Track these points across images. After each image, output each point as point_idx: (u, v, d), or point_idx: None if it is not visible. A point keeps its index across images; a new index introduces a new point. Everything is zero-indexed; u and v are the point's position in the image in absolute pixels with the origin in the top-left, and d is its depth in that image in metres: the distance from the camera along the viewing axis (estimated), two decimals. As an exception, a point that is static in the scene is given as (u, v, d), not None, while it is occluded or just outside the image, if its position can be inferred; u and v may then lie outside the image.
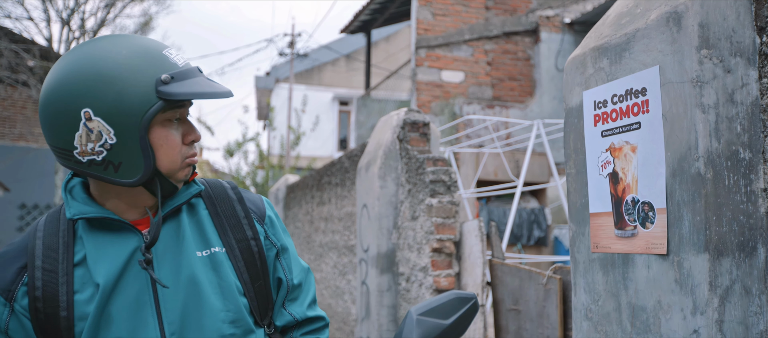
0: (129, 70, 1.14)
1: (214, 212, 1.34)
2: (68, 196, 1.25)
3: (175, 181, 1.25)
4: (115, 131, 1.14)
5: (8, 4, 13.79)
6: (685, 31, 1.44)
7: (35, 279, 1.17)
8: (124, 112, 1.13)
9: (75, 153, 1.16)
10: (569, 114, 1.86)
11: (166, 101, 1.16)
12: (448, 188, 3.72)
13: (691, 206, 1.41)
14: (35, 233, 1.23)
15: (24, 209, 16.32)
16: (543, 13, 9.85)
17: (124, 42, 1.19)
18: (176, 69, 1.19)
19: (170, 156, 1.21)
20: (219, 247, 1.30)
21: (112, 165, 1.16)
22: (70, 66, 1.15)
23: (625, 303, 1.62)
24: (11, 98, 17.18)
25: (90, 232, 1.22)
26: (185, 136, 1.24)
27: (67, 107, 1.13)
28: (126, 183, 1.18)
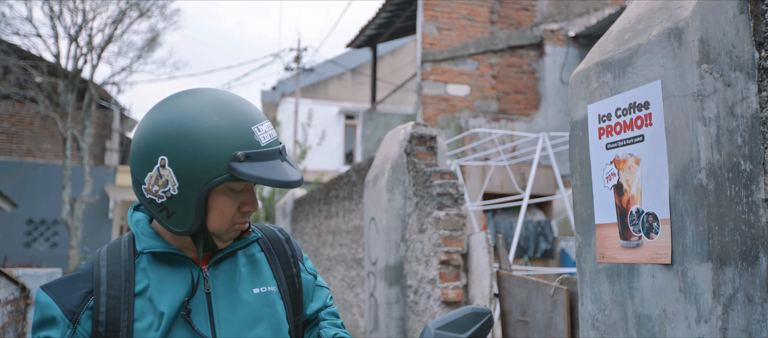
0: (212, 137, 1.21)
1: (269, 252, 1.47)
2: (136, 230, 1.33)
3: (219, 241, 1.32)
4: (179, 185, 1.22)
5: (16, 21, 13.96)
6: (686, 47, 1.48)
7: (100, 304, 1.24)
8: (193, 173, 1.21)
9: (142, 188, 1.26)
10: (574, 127, 1.90)
11: (232, 177, 1.21)
12: (456, 201, 3.76)
13: (694, 216, 1.44)
14: (99, 262, 1.30)
15: (31, 225, 16.40)
16: (547, 26, 9.92)
17: (220, 106, 1.25)
18: (256, 149, 1.23)
19: (221, 220, 1.28)
20: (273, 286, 1.41)
21: (166, 211, 1.25)
22: (166, 113, 1.24)
23: (631, 312, 1.65)
24: (19, 114, 17.33)
25: (154, 264, 1.30)
26: (242, 205, 1.30)
27: (150, 148, 1.23)
28: (173, 231, 1.27)
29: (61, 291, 1.24)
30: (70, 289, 1.25)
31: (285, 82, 24.44)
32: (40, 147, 17.50)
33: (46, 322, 1.22)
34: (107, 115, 18.61)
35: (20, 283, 3.52)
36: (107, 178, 17.66)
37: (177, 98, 1.28)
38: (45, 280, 3.67)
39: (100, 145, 18.43)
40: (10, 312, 3.32)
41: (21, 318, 3.51)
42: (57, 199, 15.32)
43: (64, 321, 1.22)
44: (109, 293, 1.25)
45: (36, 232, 16.52)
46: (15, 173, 16.19)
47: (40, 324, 1.23)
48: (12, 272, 3.50)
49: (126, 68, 14.84)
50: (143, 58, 15.20)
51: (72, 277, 1.28)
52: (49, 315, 1.22)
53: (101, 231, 16.89)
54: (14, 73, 13.97)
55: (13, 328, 3.38)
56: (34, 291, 3.60)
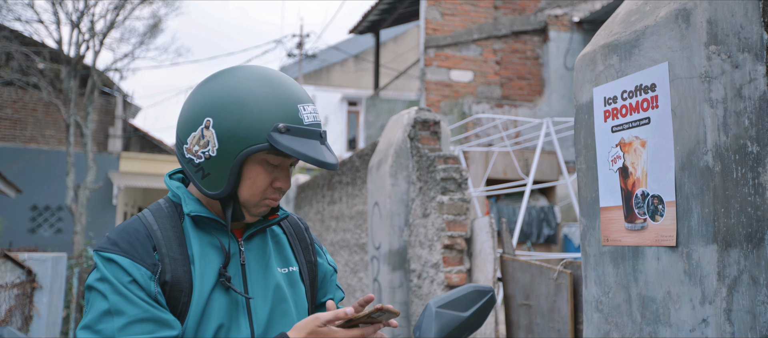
0: (258, 106, 1.26)
1: (292, 235, 1.53)
2: (179, 193, 1.37)
3: (247, 213, 1.35)
4: (219, 147, 1.26)
5: (18, 7, 13.93)
6: (693, 28, 1.47)
7: (165, 264, 1.28)
8: (233, 137, 1.25)
9: (183, 147, 1.32)
10: (579, 110, 1.90)
11: (271, 146, 1.25)
12: (459, 186, 3.76)
13: (700, 198, 1.44)
14: (150, 225, 1.32)
15: (35, 211, 16.45)
16: (551, 12, 9.87)
17: (269, 79, 1.31)
18: (298, 124, 1.27)
19: (252, 191, 1.32)
20: (295, 267, 1.48)
21: (202, 171, 1.30)
22: (220, 80, 1.31)
23: (636, 294, 1.65)
24: (22, 100, 17.33)
25: (195, 229, 1.35)
26: (275, 181, 1.33)
27: (198, 110, 1.29)
28: (205, 192, 1.31)
29: (131, 248, 1.26)
30: (137, 246, 1.27)
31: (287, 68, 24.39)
32: (44, 134, 17.52)
33: (134, 283, 1.23)
34: (110, 101, 18.61)
35: (26, 267, 3.54)
36: (111, 164, 17.69)
37: (231, 69, 1.33)
38: (51, 264, 3.69)
39: (103, 131, 18.44)
40: (16, 295, 3.34)
41: (27, 302, 3.53)
42: (61, 185, 15.35)
43: (147, 275, 1.25)
44: (170, 255, 1.29)
45: (40, 218, 16.58)
46: (19, 159, 16.22)
47: (122, 277, 1.23)
48: (18, 256, 3.52)
49: (128, 54, 14.83)
50: (145, 44, 15.19)
51: (131, 235, 1.29)
52: (131, 272, 1.24)
53: (105, 217, 16.94)
54: (17, 59, 13.96)
55: (20, 311, 3.41)
56: (39, 274, 3.62)
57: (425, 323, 1.30)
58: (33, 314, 3.58)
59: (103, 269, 1.25)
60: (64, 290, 4.35)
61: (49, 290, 3.71)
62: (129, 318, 1.21)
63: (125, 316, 1.21)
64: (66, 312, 7.69)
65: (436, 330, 1.34)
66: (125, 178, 17.39)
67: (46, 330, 3.74)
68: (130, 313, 1.21)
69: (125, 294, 1.22)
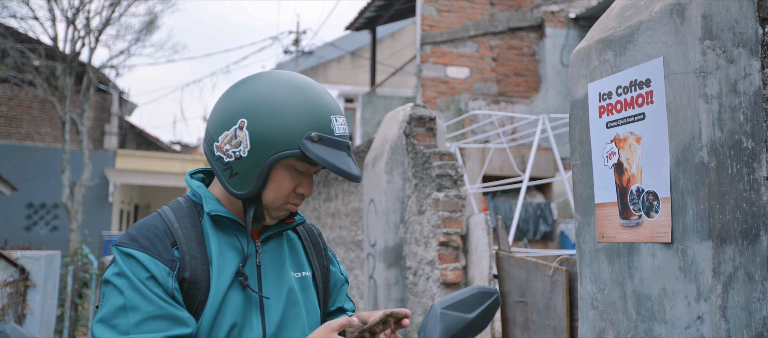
0: (294, 112, 1.28)
1: (307, 240, 1.55)
2: (200, 192, 1.39)
3: (268, 215, 1.38)
4: (251, 148, 1.29)
5: (13, 3, 13.85)
6: (688, 23, 1.46)
7: (185, 262, 1.29)
8: (266, 140, 1.28)
9: (214, 144, 1.33)
10: (574, 106, 1.89)
11: (301, 153, 1.28)
12: (455, 183, 3.75)
13: (695, 194, 1.43)
14: (171, 223, 1.33)
15: (31, 208, 16.41)
16: (548, 8, 9.86)
17: (306, 89, 1.33)
18: (330, 134, 1.31)
19: (276, 194, 1.34)
20: (308, 272, 1.50)
21: (231, 171, 1.32)
22: (258, 83, 1.33)
23: (631, 291, 1.64)
24: (17, 97, 17.27)
25: (214, 229, 1.36)
26: (299, 187, 1.36)
27: (233, 109, 1.31)
28: (231, 191, 1.33)
29: (151, 244, 1.27)
30: (157, 242, 1.28)
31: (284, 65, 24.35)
32: (39, 131, 17.46)
33: (152, 280, 1.24)
34: (106, 98, 18.55)
35: (19, 265, 3.52)
36: (107, 161, 17.64)
37: (268, 73, 1.36)
38: (44, 262, 3.67)
39: (99, 128, 18.39)
40: (9, 293, 3.32)
41: (20, 300, 3.51)
42: (57, 183, 15.30)
43: (165, 271, 1.26)
44: (190, 253, 1.30)
45: (36, 216, 16.53)
46: (14, 156, 16.17)
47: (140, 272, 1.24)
48: (11, 254, 3.50)
49: (124, 51, 14.77)
50: (141, 41, 15.13)
51: (151, 232, 1.30)
52: (149, 268, 1.24)
53: (101, 215, 16.91)
54: (12, 56, 13.89)
55: (13, 310, 3.39)
56: (33, 273, 3.60)
57: (430, 324, 1.30)
58: (26, 312, 3.56)
59: (121, 264, 1.25)
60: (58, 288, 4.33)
61: (43, 288, 3.69)
62: (144, 315, 1.21)
63: (140, 312, 1.21)
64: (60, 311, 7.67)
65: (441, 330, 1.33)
66: (121, 175, 17.35)
67: (40, 329, 3.72)
68: (145, 310, 1.21)
69: (142, 291, 1.22)
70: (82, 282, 8.48)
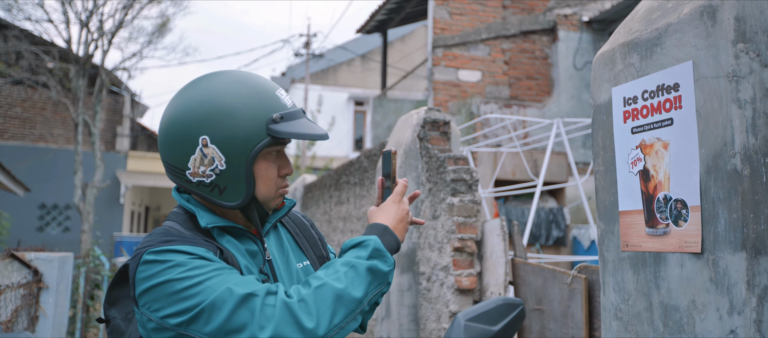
0: (246, 106, 1.28)
1: (296, 232, 1.55)
2: (191, 207, 1.35)
3: (268, 208, 1.39)
4: (226, 159, 1.27)
5: (29, 6, 13.95)
6: (720, 25, 1.41)
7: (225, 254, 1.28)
8: (237, 143, 1.27)
9: (187, 173, 1.30)
10: (597, 111, 1.84)
11: (272, 138, 1.29)
12: (470, 187, 3.70)
13: (727, 203, 1.38)
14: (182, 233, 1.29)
15: (43, 209, 16.49)
16: (561, 11, 9.79)
17: (243, 80, 1.33)
18: (285, 110, 1.32)
19: (267, 186, 1.35)
20: (307, 261, 1.50)
21: (217, 188, 1.30)
22: (194, 97, 1.29)
23: (657, 302, 1.59)
24: (31, 99, 17.38)
25: (220, 235, 1.35)
26: (281, 169, 1.37)
27: (188, 132, 1.27)
28: (227, 205, 1.32)
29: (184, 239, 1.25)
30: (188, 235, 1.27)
31: (294, 68, 24.37)
32: (52, 132, 17.56)
33: (199, 257, 1.21)
34: (118, 100, 18.63)
35: (33, 267, 3.50)
36: (118, 163, 17.71)
37: (196, 83, 1.32)
38: (57, 264, 3.66)
39: (111, 130, 18.47)
40: (23, 295, 3.31)
41: (34, 302, 3.50)
42: (69, 184, 15.36)
43: (211, 253, 1.24)
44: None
45: (48, 216, 16.62)
46: (27, 158, 16.27)
47: (195, 256, 1.20)
48: (24, 255, 3.49)
49: (136, 54, 14.83)
50: (153, 43, 15.19)
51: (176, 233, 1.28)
52: (198, 252, 1.21)
53: (112, 216, 16.97)
54: (26, 58, 13.98)
55: (26, 311, 3.37)
56: (46, 274, 3.59)
57: (454, 336, 1.25)
58: (39, 314, 3.55)
59: (163, 258, 1.19)
60: (70, 290, 4.32)
61: (56, 290, 3.68)
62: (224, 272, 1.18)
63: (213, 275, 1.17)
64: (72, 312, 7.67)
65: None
66: (132, 177, 17.40)
67: (52, 331, 3.71)
68: (218, 268, 1.19)
69: (199, 265, 1.18)
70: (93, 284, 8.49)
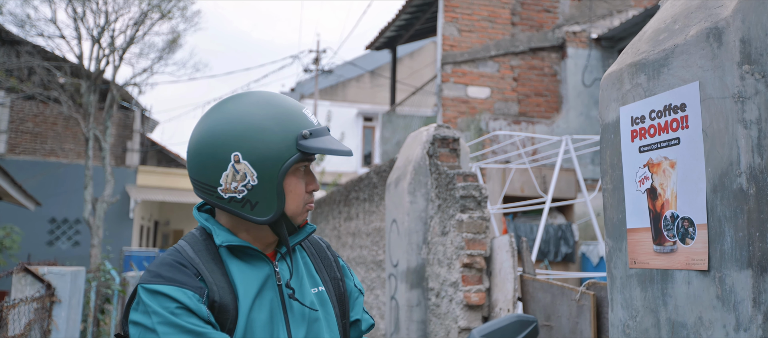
0: (277, 123, 1.32)
1: (312, 254, 1.55)
2: (209, 225, 1.39)
3: (295, 223, 1.41)
4: (258, 175, 1.31)
5: (41, 22, 14.13)
6: (726, 47, 1.44)
7: (212, 288, 1.29)
8: (268, 159, 1.31)
9: (218, 189, 1.33)
10: (605, 130, 1.87)
11: (302, 153, 1.33)
12: (479, 204, 3.73)
13: (734, 222, 1.41)
14: (190, 257, 1.32)
15: (54, 224, 16.59)
16: (569, 28, 9.84)
17: (271, 100, 1.37)
18: (313, 127, 1.36)
19: (296, 201, 1.38)
20: (322, 287, 1.50)
21: (249, 204, 1.33)
22: (224, 115, 1.34)
23: (665, 319, 1.61)
24: (43, 114, 17.55)
25: (230, 257, 1.37)
26: (308, 185, 1.41)
27: (220, 149, 1.31)
28: (258, 221, 1.34)
29: (175, 278, 1.27)
30: (181, 274, 1.28)
31: (304, 83, 24.51)
32: (63, 147, 17.71)
33: (183, 309, 1.23)
34: (128, 116, 18.78)
35: (46, 281, 3.55)
36: (128, 178, 17.82)
37: (224, 103, 1.37)
38: (70, 279, 3.70)
39: (122, 145, 18.60)
40: (35, 309, 3.34)
41: (46, 316, 3.54)
42: (79, 198, 15.47)
43: (195, 298, 1.25)
44: (214, 280, 1.30)
45: (58, 231, 16.71)
46: (38, 172, 16.40)
47: (168, 305, 1.23)
48: (38, 270, 3.53)
49: (147, 69, 14.98)
50: (164, 59, 15.33)
51: (172, 266, 1.30)
52: (178, 298, 1.23)
53: (122, 230, 17.05)
54: (38, 74, 14.15)
55: (39, 325, 3.41)
56: (58, 288, 3.63)
57: None
58: (51, 328, 3.58)
59: (148, 301, 1.24)
60: (82, 304, 4.36)
61: (68, 304, 3.71)
62: None
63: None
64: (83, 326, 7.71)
65: None
66: (142, 191, 17.50)
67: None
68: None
69: (175, 322, 1.21)
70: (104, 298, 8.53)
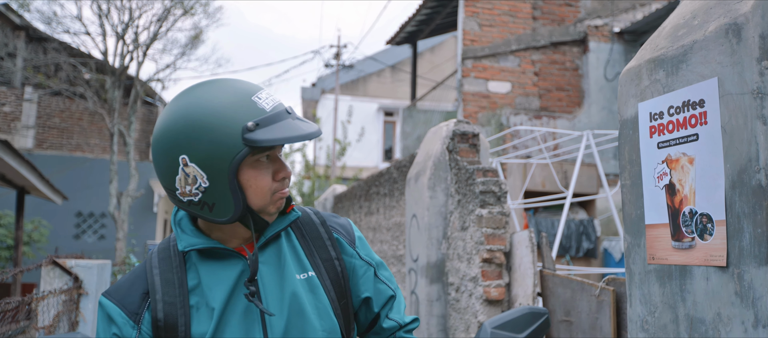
0: (220, 118, 1.23)
1: (302, 236, 1.46)
2: (178, 229, 1.37)
3: (266, 216, 1.34)
4: (207, 176, 1.24)
5: (67, 19, 14.37)
6: (745, 43, 1.44)
7: (157, 310, 1.30)
8: (214, 158, 1.23)
9: (176, 194, 1.29)
10: (624, 126, 1.87)
11: (251, 148, 1.24)
12: (498, 199, 3.74)
13: (752, 218, 1.41)
14: (152, 269, 1.35)
15: (80, 217, 16.87)
16: (591, 22, 9.76)
17: (218, 89, 1.28)
18: (263, 114, 1.25)
19: (259, 195, 1.30)
20: (312, 272, 1.41)
21: (207, 205, 1.28)
22: (173, 114, 1.27)
23: (683, 314, 1.62)
24: (69, 110, 17.83)
25: (201, 260, 1.35)
26: (275, 173, 1.32)
27: (169, 154, 1.26)
28: (220, 221, 1.29)
29: (122, 295, 1.32)
30: (129, 292, 1.32)
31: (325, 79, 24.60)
32: (89, 142, 17.97)
33: (111, 324, 1.30)
34: (152, 111, 19.01)
35: (73, 273, 3.63)
36: (152, 172, 18.04)
37: (175, 100, 1.31)
38: (96, 271, 3.78)
39: (146, 140, 18.84)
40: (64, 301, 3.43)
41: (74, 308, 3.62)
42: (104, 193, 15.72)
43: (128, 323, 1.29)
44: (165, 299, 1.30)
45: (84, 224, 16.99)
46: (65, 167, 16.68)
47: (107, 328, 1.30)
48: (65, 262, 3.62)
49: (170, 65, 15.14)
50: (187, 55, 15.48)
51: (129, 281, 1.35)
52: (115, 319, 1.29)
53: (146, 224, 17.28)
54: (64, 70, 14.39)
55: (67, 317, 3.50)
56: (86, 281, 3.71)
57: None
58: (79, 319, 3.67)
59: (98, 316, 1.33)
60: (108, 296, 4.46)
61: (95, 296, 3.80)
62: None
63: None
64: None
65: None
66: (166, 186, 17.65)
67: (92, 335, 3.83)
68: None
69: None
70: (128, 291, 8.66)
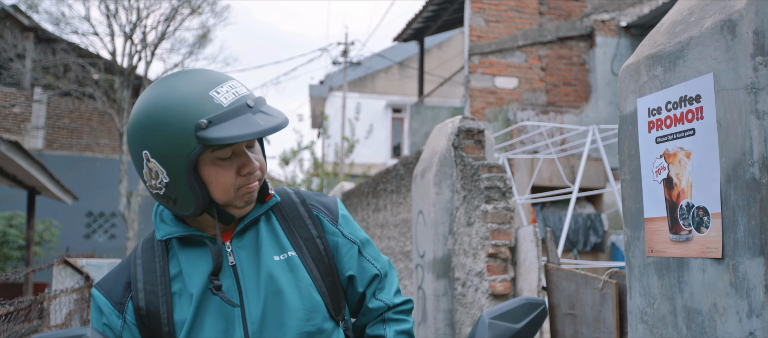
0: (174, 115, 1.22)
1: (282, 217, 1.45)
2: (158, 220, 1.40)
3: (233, 209, 1.34)
4: (167, 171, 1.25)
5: (75, 20, 14.47)
6: (739, 39, 1.47)
7: (138, 299, 1.34)
8: (171, 156, 1.23)
9: (147, 186, 1.32)
10: (623, 121, 1.90)
11: (204, 146, 1.22)
12: (503, 195, 3.77)
13: (746, 210, 1.43)
14: (135, 260, 1.40)
15: (90, 217, 17.01)
16: (598, 17, 9.74)
17: (179, 83, 1.26)
18: (218, 111, 1.22)
19: (222, 190, 1.29)
20: (292, 252, 1.40)
21: (171, 199, 1.30)
22: (137, 108, 1.28)
23: (681, 306, 1.65)
24: (78, 110, 17.96)
25: (182, 248, 1.38)
26: (241, 168, 1.30)
27: (134, 149, 1.29)
28: (185, 215, 1.32)
29: (108, 286, 1.38)
30: (114, 283, 1.38)
31: (332, 76, 24.65)
32: (99, 142, 18.10)
33: (101, 314, 1.37)
34: (161, 110, 19.09)
35: (84, 273, 3.69)
36: (161, 171, 18.12)
37: (141, 95, 1.32)
38: (107, 269, 3.85)
39: (155, 139, 18.94)
40: (75, 299, 3.49)
41: (85, 306, 3.68)
42: (114, 192, 15.85)
43: (114, 312, 1.35)
44: (146, 289, 1.34)
45: (95, 224, 17.13)
46: (75, 167, 16.81)
47: (98, 318, 1.38)
48: (76, 262, 3.68)
49: (178, 64, 15.23)
50: (195, 54, 15.57)
51: (116, 272, 1.42)
52: (103, 309, 1.37)
53: (156, 223, 17.39)
54: (73, 70, 14.50)
55: (79, 315, 3.56)
56: (97, 280, 3.78)
57: (479, 333, 1.34)
58: (90, 318, 3.73)
59: (92, 305, 1.40)
60: (119, 294, 4.52)
61: (106, 294, 3.86)
62: None
63: None
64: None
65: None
66: (175, 185, 17.76)
67: (103, 333, 3.89)
68: None
69: (104, 332, 1.35)
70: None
